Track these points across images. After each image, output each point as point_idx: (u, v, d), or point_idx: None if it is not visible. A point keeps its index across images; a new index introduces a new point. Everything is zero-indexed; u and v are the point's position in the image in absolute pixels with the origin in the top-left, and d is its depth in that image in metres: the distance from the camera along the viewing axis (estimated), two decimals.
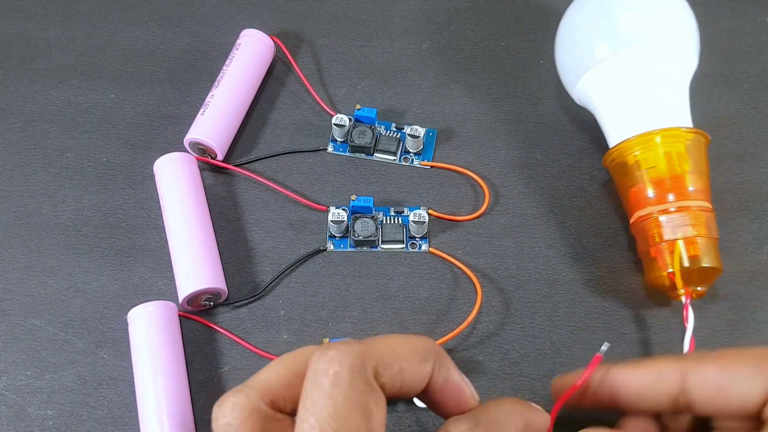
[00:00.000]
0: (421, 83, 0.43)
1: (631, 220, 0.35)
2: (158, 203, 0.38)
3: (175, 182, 0.37)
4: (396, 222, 0.38)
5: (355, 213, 0.38)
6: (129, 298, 0.36)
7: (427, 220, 0.37)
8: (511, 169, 0.40)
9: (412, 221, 0.37)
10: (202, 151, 0.39)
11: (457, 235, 0.38)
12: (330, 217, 0.37)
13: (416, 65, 0.44)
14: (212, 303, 0.35)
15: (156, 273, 0.37)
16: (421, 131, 0.39)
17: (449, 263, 0.37)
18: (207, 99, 0.39)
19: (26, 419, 0.33)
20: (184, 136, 0.39)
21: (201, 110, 0.39)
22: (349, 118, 0.40)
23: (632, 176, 0.35)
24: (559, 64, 0.39)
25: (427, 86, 0.43)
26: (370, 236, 0.37)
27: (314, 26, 0.45)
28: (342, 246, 0.38)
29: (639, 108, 0.35)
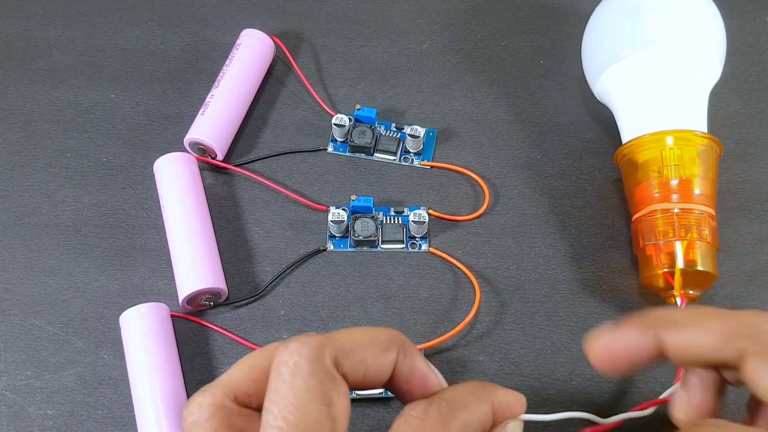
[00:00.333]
0: (421, 83, 0.43)
1: (634, 217, 0.35)
2: (158, 203, 0.38)
3: (175, 182, 0.37)
4: (396, 222, 0.38)
5: (355, 213, 0.38)
6: (129, 298, 0.36)
7: (427, 220, 0.37)
8: (511, 169, 0.40)
9: (412, 221, 0.37)
10: (202, 151, 0.39)
11: (457, 235, 0.38)
12: (330, 217, 0.37)
13: (416, 65, 0.44)
14: (212, 303, 0.35)
15: (156, 273, 0.37)
16: (421, 131, 0.39)
17: (449, 263, 0.37)
18: (207, 99, 0.39)
19: (26, 419, 0.33)
20: (184, 136, 0.39)
21: (201, 110, 0.39)
22: (349, 118, 0.40)
23: (641, 174, 0.35)
24: (584, 58, 0.40)
25: (427, 86, 0.43)
26: (370, 236, 0.37)
27: (314, 26, 0.45)
28: (342, 246, 0.38)
29: (656, 107, 0.36)
